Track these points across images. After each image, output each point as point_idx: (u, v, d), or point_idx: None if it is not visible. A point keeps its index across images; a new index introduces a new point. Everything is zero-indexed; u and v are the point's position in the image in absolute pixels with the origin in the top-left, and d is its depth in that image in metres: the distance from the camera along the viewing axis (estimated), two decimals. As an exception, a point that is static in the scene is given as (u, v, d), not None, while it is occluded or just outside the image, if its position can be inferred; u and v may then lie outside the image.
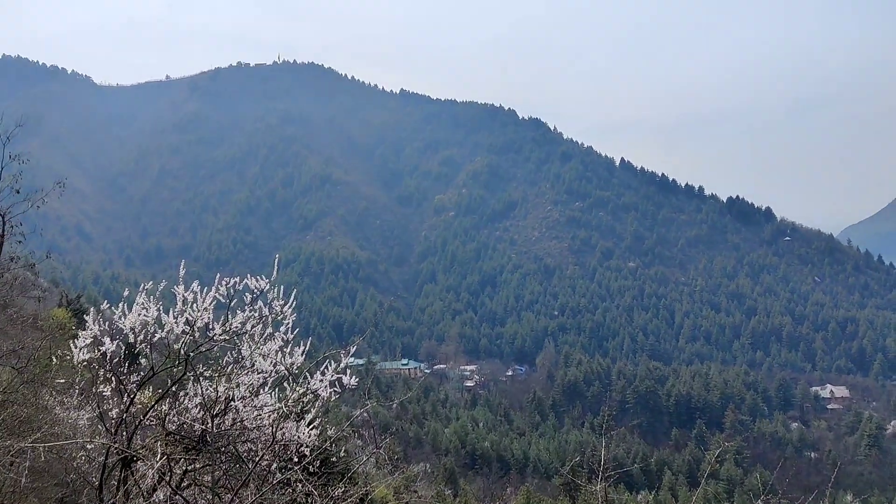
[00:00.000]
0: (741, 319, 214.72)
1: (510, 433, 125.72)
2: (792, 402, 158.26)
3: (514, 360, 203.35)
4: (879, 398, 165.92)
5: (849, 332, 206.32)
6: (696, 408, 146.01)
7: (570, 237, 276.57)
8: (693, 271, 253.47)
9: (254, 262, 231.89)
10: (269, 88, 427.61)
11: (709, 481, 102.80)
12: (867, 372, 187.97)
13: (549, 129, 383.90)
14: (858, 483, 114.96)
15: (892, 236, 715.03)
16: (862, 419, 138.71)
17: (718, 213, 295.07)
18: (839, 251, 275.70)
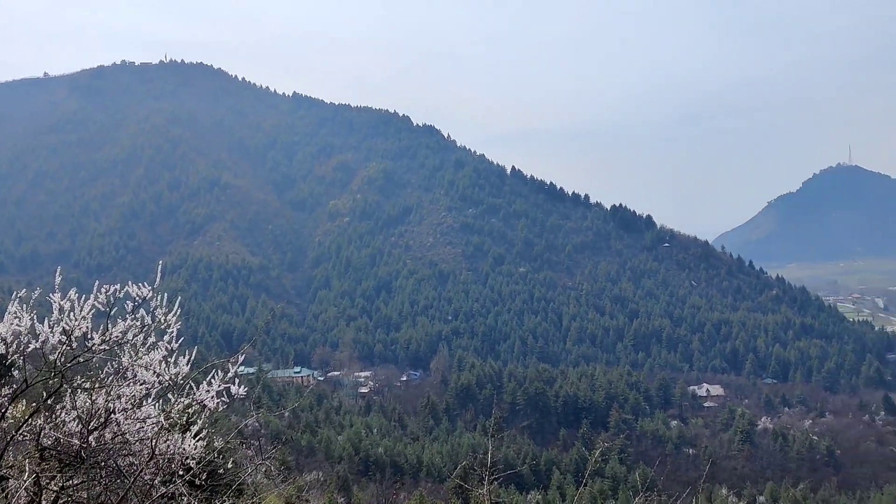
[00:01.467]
0: (624, 322, 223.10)
1: (404, 438, 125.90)
2: (671, 400, 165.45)
3: (409, 366, 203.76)
4: (751, 395, 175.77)
5: (723, 334, 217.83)
6: (583, 408, 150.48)
7: (464, 243, 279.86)
8: (579, 276, 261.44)
9: (138, 269, 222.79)
10: (154, 88, 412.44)
11: (594, 479, 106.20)
12: (740, 371, 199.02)
13: (443, 137, 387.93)
14: (732, 477, 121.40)
15: (760, 243, 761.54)
16: (735, 416, 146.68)
17: (603, 220, 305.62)
18: (714, 257, 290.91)
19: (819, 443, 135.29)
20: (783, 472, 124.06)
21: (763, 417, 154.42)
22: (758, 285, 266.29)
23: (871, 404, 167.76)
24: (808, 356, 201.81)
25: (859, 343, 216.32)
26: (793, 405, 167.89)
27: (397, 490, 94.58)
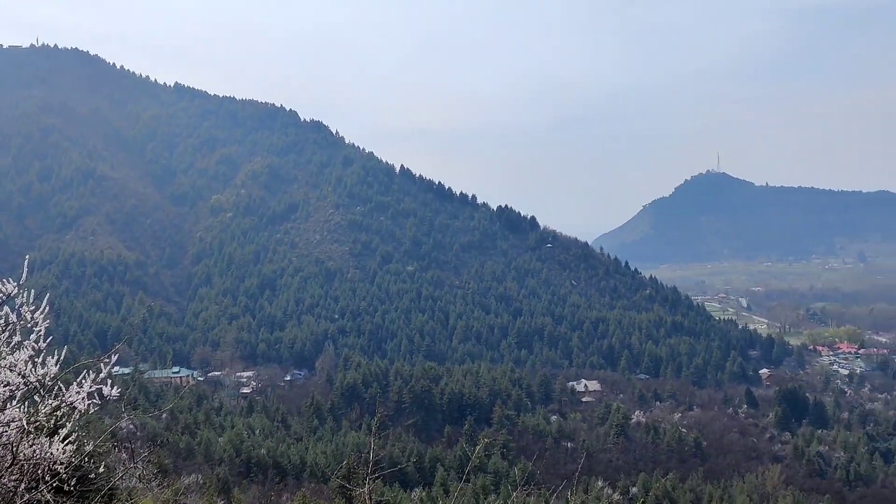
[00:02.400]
0: (508, 320, 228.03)
1: (287, 439, 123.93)
2: (552, 396, 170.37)
3: (293, 365, 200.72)
4: (626, 390, 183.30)
5: (600, 331, 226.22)
6: (468, 405, 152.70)
7: (352, 241, 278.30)
8: (466, 275, 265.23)
9: (3, 264, 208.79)
10: (24, 74, 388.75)
11: (477, 475, 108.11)
12: (616, 367, 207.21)
13: (331, 133, 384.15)
14: (608, 469, 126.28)
15: (636, 245, 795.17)
16: (611, 410, 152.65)
17: (489, 220, 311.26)
18: (593, 257, 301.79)
19: (687, 435, 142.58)
20: (654, 463, 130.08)
21: (636, 411, 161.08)
22: (633, 285, 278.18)
23: (734, 398, 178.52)
24: (678, 353, 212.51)
25: (724, 340, 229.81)
26: (664, 399, 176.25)
27: (280, 491, 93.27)
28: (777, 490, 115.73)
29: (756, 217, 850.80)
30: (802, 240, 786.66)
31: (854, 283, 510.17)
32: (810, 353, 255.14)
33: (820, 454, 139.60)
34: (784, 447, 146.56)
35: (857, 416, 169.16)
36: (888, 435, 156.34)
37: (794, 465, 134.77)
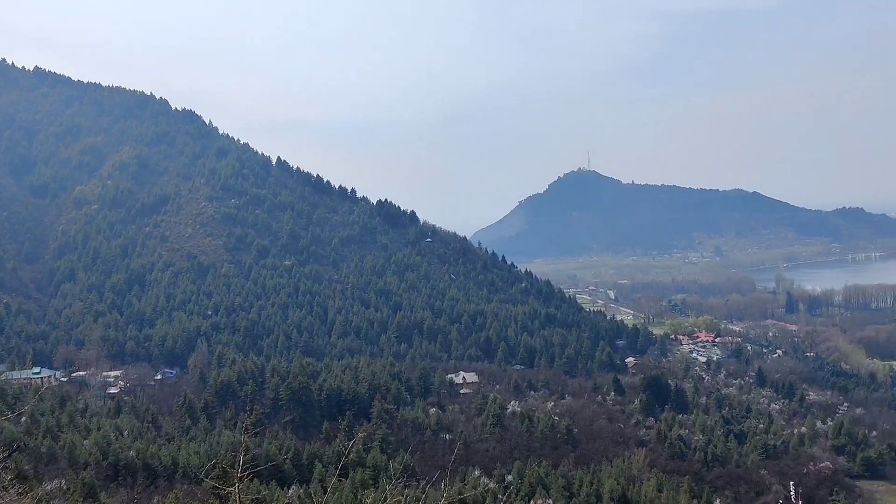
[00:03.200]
0: (388, 314, 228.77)
1: (158, 440, 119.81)
2: (431, 389, 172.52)
3: (164, 363, 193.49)
4: (502, 381, 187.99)
5: (478, 324, 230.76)
6: (347, 400, 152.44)
7: (226, 234, 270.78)
8: (345, 269, 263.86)
9: None
10: None
11: (356, 469, 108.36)
12: (493, 358, 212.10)
13: (203, 123, 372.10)
14: (485, 459, 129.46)
15: (512, 239, 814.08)
16: (488, 401, 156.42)
17: (369, 215, 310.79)
18: (471, 252, 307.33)
19: (560, 423, 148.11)
20: (529, 450, 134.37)
21: (512, 401, 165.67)
22: (509, 279, 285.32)
23: (603, 386, 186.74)
24: (551, 343, 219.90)
25: (594, 331, 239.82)
26: (538, 389, 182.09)
27: (150, 494, 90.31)
28: (642, 473, 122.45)
29: (623, 213, 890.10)
30: (665, 235, 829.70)
31: (711, 276, 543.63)
32: (672, 342, 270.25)
33: (681, 437, 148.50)
34: (648, 432, 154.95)
35: (714, 400, 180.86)
36: (741, 418, 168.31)
37: (658, 448, 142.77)
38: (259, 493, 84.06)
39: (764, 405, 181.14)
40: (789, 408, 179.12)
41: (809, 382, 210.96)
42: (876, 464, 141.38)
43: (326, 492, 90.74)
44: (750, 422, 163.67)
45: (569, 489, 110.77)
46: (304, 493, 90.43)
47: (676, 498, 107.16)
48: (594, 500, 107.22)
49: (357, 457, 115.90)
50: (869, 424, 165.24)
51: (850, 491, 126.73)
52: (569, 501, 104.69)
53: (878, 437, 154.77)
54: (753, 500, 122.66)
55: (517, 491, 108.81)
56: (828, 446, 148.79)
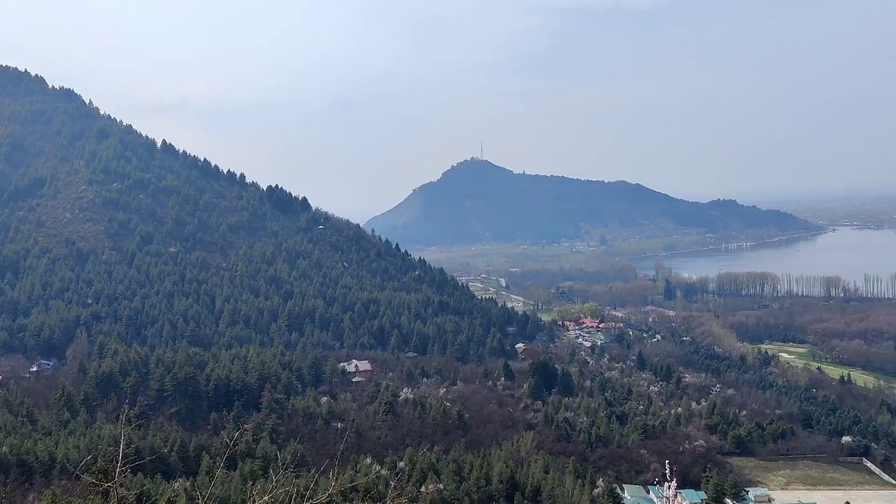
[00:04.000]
0: (279, 303, 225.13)
1: (34, 434, 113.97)
2: (322, 377, 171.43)
3: (41, 354, 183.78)
4: (395, 369, 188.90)
5: (371, 312, 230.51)
6: (235, 390, 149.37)
7: (107, 220, 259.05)
8: (234, 256, 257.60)
9: None
10: None
11: (245, 460, 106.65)
12: (386, 346, 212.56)
13: (83, 102, 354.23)
14: (377, 446, 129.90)
15: (406, 227, 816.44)
16: (380, 389, 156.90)
17: (259, 200, 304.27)
18: (364, 239, 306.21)
19: (451, 408, 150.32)
20: (421, 437, 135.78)
21: (405, 388, 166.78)
22: (403, 266, 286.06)
23: (493, 371, 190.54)
24: (444, 331, 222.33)
25: (486, 318, 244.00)
26: (430, 376, 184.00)
27: (25, 491, 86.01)
28: (530, 455, 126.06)
29: (514, 203, 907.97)
30: (554, 224, 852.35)
31: (596, 264, 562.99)
32: (560, 328, 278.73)
33: (567, 420, 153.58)
34: (536, 415, 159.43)
35: (597, 383, 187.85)
36: (623, 400, 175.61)
37: (545, 430, 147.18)
38: (142, 487, 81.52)
39: (644, 387, 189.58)
40: (667, 389, 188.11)
41: (686, 365, 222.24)
42: (745, 441, 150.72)
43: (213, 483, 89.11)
44: (631, 403, 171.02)
45: (459, 473, 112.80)
46: (190, 486, 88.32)
47: (562, 478, 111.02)
48: (484, 483, 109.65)
49: (246, 447, 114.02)
50: (739, 404, 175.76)
51: (721, 467, 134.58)
52: (459, 485, 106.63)
53: (748, 416, 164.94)
54: (634, 478, 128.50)
55: (408, 477, 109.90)
56: (702, 425, 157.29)
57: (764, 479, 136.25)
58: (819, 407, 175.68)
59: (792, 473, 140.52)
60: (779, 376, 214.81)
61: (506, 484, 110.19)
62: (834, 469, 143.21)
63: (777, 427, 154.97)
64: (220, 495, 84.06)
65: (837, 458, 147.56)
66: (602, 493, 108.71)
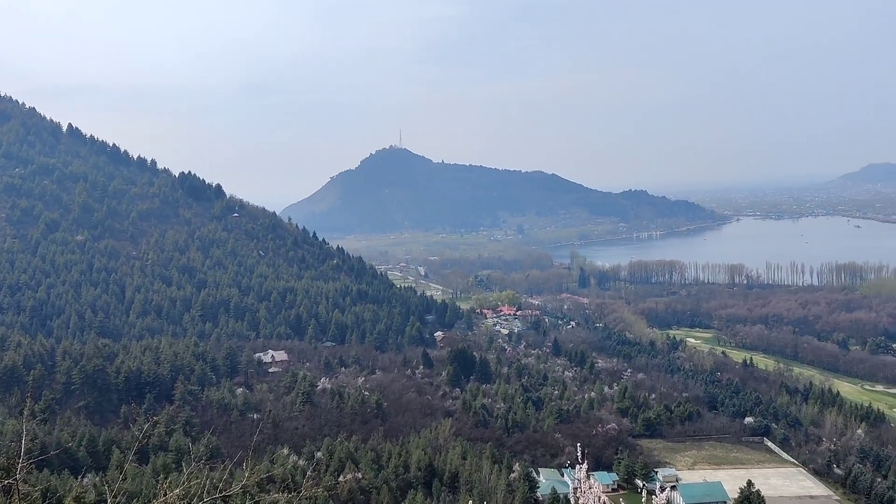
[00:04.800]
0: (192, 292, 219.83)
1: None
2: (238, 368, 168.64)
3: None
4: (312, 358, 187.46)
5: (288, 301, 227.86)
6: (147, 382, 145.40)
7: (9, 207, 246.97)
8: (145, 245, 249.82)
9: None
10: None
11: (158, 454, 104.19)
12: (303, 336, 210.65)
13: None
14: (294, 437, 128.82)
15: (324, 215, 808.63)
16: (297, 379, 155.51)
17: (171, 187, 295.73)
18: (281, 227, 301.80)
19: (370, 397, 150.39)
20: (339, 427, 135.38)
21: (323, 378, 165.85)
22: (321, 255, 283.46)
23: (413, 360, 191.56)
24: (363, 320, 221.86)
25: (405, 306, 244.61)
26: (349, 365, 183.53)
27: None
28: (448, 442, 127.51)
29: (433, 191, 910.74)
30: (473, 213, 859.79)
31: (514, 253, 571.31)
32: (478, 316, 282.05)
33: (484, 406, 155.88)
34: (455, 402, 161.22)
35: (514, 370, 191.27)
36: (539, 385, 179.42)
37: (463, 417, 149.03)
38: (48, 483, 78.76)
39: (559, 373, 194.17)
40: (581, 375, 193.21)
41: (599, 351, 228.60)
42: (655, 424, 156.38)
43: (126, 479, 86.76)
44: (546, 389, 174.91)
45: (378, 462, 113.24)
46: (99, 481, 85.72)
47: (479, 464, 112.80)
48: (402, 470, 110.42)
49: (159, 441, 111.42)
50: (649, 388, 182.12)
51: (632, 449, 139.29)
52: (377, 474, 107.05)
53: (657, 399, 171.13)
54: (549, 461, 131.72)
55: (326, 467, 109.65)
56: (614, 409, 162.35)
57: (672, 460, 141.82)
58: (723, 389, 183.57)
59: (698, 454, 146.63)
60: (686, 360, 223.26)
61: (424, 471, 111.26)
62: (737, 449, 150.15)
63: (684, 409, 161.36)
64: (131, 490, 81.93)
65: (740, 438, 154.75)
66: (518, 477, 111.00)
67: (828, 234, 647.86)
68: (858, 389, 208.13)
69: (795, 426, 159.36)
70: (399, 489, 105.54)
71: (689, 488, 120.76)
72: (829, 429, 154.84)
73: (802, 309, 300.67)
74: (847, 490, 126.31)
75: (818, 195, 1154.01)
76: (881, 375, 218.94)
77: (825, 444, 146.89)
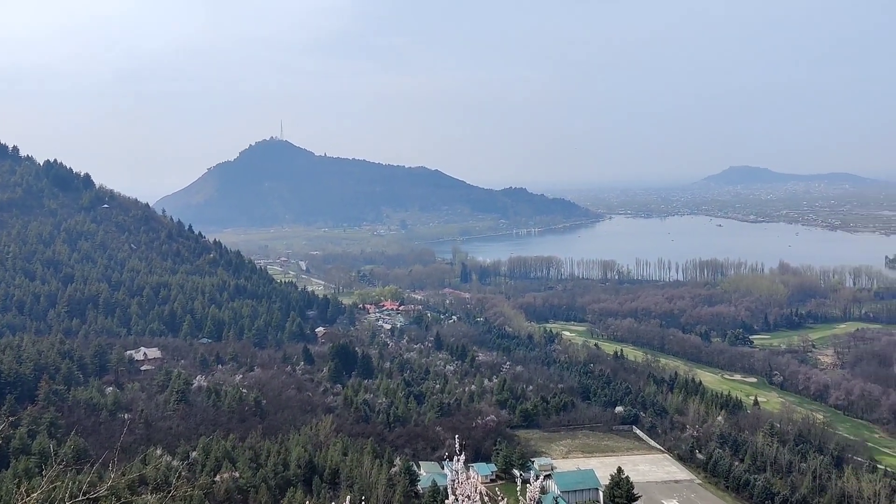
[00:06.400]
0: (58, 287, 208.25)
1: None
2: (108, 367, 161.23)
3: None
4: (188, 356, 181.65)
5: (162, 297, 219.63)
6: (8, 382, 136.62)
7: None
8: (6, 237, 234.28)
9: None
10: None
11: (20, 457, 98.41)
12: (178, 332, 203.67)
13: None
14: (168, 437, 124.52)
15: (200, 208, 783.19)
16: (172, 377, 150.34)
17: (34, 176, 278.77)
18: (155, 220, 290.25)
19: (248, 395, 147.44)
20: (216, 425, 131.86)
21: (199, 376, 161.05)
22: (197, 249, 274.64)
23: (293, 356, 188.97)
24: (241, 315, 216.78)
25: (285, 302, 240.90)
26: (226, 362, 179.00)
27: None
28: (329, 438, 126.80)
29: (316, 185, 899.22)
30: (356, 208, 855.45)
31: (397, 248, 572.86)
32: (360, 311, 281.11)
33: (366, 402, 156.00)
34: (336, 398, 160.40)
35: (396, 365, 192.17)
36: (421, 380, 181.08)
37: (345, 413, 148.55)
38: None
39: (441, 367, 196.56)
40: (462, 368, 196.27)
41: (479, 345, 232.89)
42: (532, 415, 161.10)
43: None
44: (428, 383, 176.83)
45: (256, 461, 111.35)
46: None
47: (360, 459, 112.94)
48: (281, 468, 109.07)
49: (21, 443, 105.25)
50: (527, 380, 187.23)
51: (510, 440, 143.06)
52: (256, 472, 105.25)
53: (534, 390, 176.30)
54: (430, 455, 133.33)
55: (202, 467, 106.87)
56: (493, 401, 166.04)
57: (548, 450, 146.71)
58: (596, 380, 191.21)
59: (572, 443, 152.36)
60: (562, 353, 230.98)
61: (304, 468, 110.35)
62: (608, 437, 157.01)
63: (560, 400, 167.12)
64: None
65: (611, 427, 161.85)
66: (399, 471, 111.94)
67: (692, 233, 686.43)
68: (719, 379, 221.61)
69: (662, 414, 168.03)
70: (278, 487, 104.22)
71: (564, 476, 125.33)
72: (692, 416, 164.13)
73: (669, 303, 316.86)
74: (708, 474, 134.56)
75: (684, 195, 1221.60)
76: (739, 365, 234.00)
77: (689, 431, 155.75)
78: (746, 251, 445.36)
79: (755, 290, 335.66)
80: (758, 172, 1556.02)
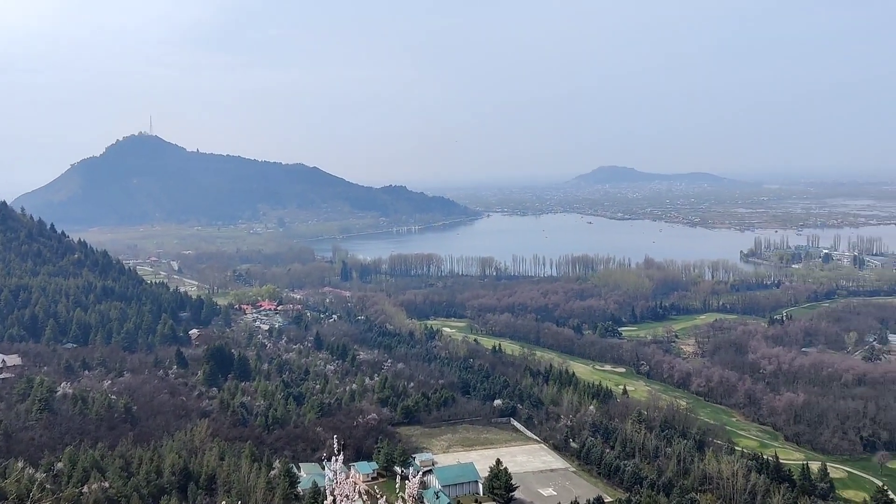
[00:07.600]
0: None
1: None
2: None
3: None
4: (51, 362, 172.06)
5: (22, 300, 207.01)
6: None
7: None
8: None
9: None
10: None
11: None
12: (40, 338, 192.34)
13: None
14: (30, 448, 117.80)
15: (63, 206, 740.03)
16: (34, 385, 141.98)
17: None
18: (13, 219, 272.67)
19: (118, 401, 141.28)
20: (83, 434, 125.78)
21: (63, 383, 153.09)
22: (59, 249, 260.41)
23: (165, 360, 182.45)
24: (108, 319, 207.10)
25: (156, 303, 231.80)
26: (93, 368, 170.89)
27: None
28: (205, 443, 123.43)
29: (188, 182, 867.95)
30: (231, 205, 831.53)
31: (275, 246, 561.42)
32: (237, 312, 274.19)
33: (244, 404, 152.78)
34: (212, 402, 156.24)
35: (275, 366, 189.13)
36: (300, 380, 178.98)
37: (221, 417, 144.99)
38: None
39: (321, 367, 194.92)
40: (343, 367, 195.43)
41: (361, 343, 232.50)
42: (413, 411, 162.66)
43: None
44: (308, 383, 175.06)
45: (127, 469, 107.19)
46: None
47: (238, 463, 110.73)
48: (155, 476, 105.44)
49: None
50: (408, 377, 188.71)
51: (392, 437, 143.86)
52: (127, 482, 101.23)
53: (415, 387, 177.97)
54: (310, 456, 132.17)
55: (68, 478, 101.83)
56: (374, 400, 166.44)
57: (429, 445, 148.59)
58: (475, 375, 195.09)
59: (452, 437, 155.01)
60: (442, 349, 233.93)
61: (179, 475, 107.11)
62: (487, 430, 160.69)
63: (440, 396, 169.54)
64: None
65: (490, 420, 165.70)
66: (278, 474, 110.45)
67: (565, 229, 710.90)
68: (591, 370, 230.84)
69: (538, 406, 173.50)
70: (151, 496, 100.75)
71: (444, 471, 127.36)
72: (566, 407, 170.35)
73: (544, 298, 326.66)
74: (582, 461, 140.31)
75: (557, 194, 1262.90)
76: (609, 356, 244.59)
77: (563, 421, 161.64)
78: (615, 247, 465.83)
79: (623, 283, 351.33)
80: (624, 172, 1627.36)
